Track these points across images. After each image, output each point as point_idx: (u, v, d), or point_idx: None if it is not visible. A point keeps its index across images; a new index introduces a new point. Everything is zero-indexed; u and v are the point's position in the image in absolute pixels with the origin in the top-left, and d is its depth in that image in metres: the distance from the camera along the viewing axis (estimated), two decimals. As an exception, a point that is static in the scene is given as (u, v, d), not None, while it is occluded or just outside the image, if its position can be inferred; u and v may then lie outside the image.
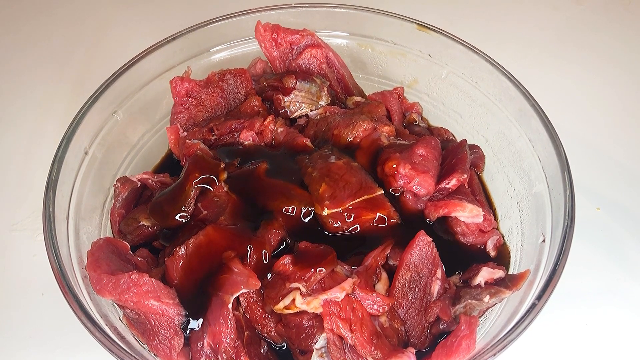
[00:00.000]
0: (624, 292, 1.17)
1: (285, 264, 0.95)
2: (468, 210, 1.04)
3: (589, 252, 1.21)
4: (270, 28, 1.24)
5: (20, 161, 1.40)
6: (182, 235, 1.02)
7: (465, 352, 0.85)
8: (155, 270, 1.00)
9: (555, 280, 0.89)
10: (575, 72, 1.59)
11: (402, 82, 1.34)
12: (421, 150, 1.08)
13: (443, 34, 1.23)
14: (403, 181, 1.06)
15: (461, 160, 1.10)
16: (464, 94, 1.25)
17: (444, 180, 1.08)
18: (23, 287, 1.17)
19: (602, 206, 1.29)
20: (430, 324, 0.97)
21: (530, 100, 1.10)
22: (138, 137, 1.26)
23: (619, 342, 1.11)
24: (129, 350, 0.86)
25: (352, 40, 1.34)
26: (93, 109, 1.12)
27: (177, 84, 1.19)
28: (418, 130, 1.25)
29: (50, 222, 0.96)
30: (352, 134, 1.14)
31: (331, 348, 0.90)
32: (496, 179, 1.20)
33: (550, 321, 1.10)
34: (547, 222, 1.01)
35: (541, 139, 1.07)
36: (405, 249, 0.98)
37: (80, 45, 1.68)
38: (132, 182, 1.12)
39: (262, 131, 1.17)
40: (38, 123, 1.47)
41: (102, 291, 0.90)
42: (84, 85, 1.55)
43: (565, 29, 1.72)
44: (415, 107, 1.30)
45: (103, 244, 0.98)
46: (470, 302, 0.93)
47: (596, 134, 1.44)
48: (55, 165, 1.02)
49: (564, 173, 1.00)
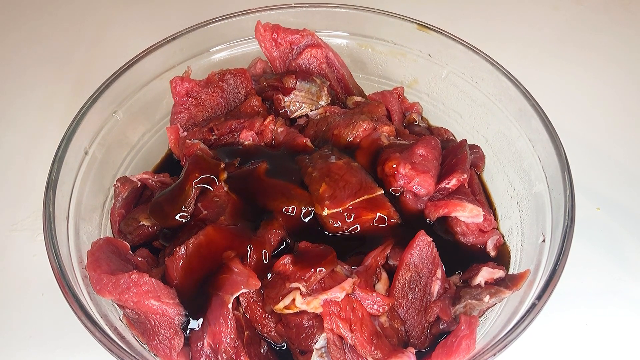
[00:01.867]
0: (624, 292, 1.17)
1: (285, 264, 0.95)
2: (468, 210, 1.04)
3: (589, 252, 1.21)
4: (270, 28, 1.24)
5: (21, 161, 1.40)
6: (182, 235, 1.02)
7: (465, 352, 0.85)
8: (155, 270, 1.00)
9: (555, 280, 0.89)
10: (575, 72, 1.59)
11: (402, 82, 1.34)
12: (421, 150, 1.08)
13: (443, 34, 1.23)
14: (403, 181, 1.06)
15: (461, 160, 1.10)
16: (464, 94, 1.25)
17: (444, 180, 1.08)
18: (23, 287, 1.17)
19: (602, 206, 1.29)
20: (430, 324, 0.97)
21: (530, 100, 1.10)
22: (138, 137, 1.26)
23: (619, 342, 1.11)
24: (129, 350, 0.86)
25: (352, 40, 1.34)
26: (93, 109, 1.12)
27: (177, 84, 1.19)
28: (418, 130, 1.25)
29: (50, 222, 0.96)
30: (352, 134, 1.14)
31: (331, 348, 0.90)
32: (496, 179, 1.20)
33: (550, 321, 1.10)
34: (547, 222, 1.01)
35: (541, 139, 1.07)
36: (405, 249, 0.98)
37: (80, 45, 1.68)
38: (132, 182, 1.12)
39: (262, 131, 1.17)
40: (38, 123, 1.47)
41: (102, 291, 0.90)
42: (84, 85, 1.55)
43: (565, 29, 1.72)
44: (415, 107, 1.30)
45: (103, 244, 0.98)
46: (470, 302, 0.93)
47: (596, 134, 1.44)
48: (55, 165, 1.02)
49: (564, 173, 1.00)
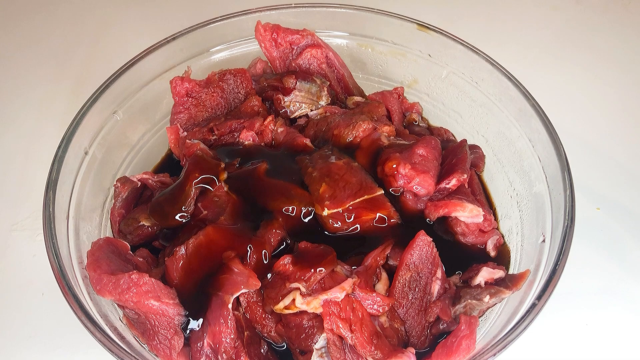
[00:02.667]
0: (624, 292, 1.17)
1: (285, 264, 0.95)
2: (468, 210, 1.04)
3: (589, 252, 1.21)
4: (270, 28, 1.24)
5: (20, 161, 1.40)
6: (182, 235, 1.02)
7: (465, 352, 0.85)
8: (155, 270, 1.00)
9: (555, 280, 0.89)
10: (575, 72, 1.59)
11: (402, 82, 1.34)
12: (421, 150, 1.08)
13: (443, 34, 1.23)
14: (403, 181, 1.06)
15: (461, 160, 1.10)
16: (464, 94, 1.25)
17: (444, 180, 1.08)
18: (23, 287, 1.17)
19: (602, 206, 1.29)
20: (430, 324, 0.97)
21: (530, 100, 1.10)
22: (138, 137, 1.26)
23: (619, 342, 1.11)
24: (129, 350, 0.86)
25: (352, 40, 1.34)
26: (93, 109, 1.12)
27: (177, 84, 1.19)
28: (418, 130, 1.25)
29: (50, 222, 0.96)
30: (352, 134, 1.14)
31: (331, 348, 0.90)
32: (496, 179, 1.20)
33: (550, 321, 1.10)
34: (547, 222, 1.01)
35: (541, 139, 1.07)
36: (405, 249, 0.98)
37: (80, 45, 1.68)
38: (132, 182, 1.12)
39: (262, 131, 1.17)
40: (38, 123, 1.47)
41: (102, 291, 0.90)
42: (84, 85, 1.55)
43: (565, 29, 1.71)
44: (415, 107, 1.30)
45: (103, 244, 0.98)
46: (470, 302, 0.93)
47: (596, 134, 1.44)
48: (55, 165, 1.02)
49: (564, 173, 1.00)
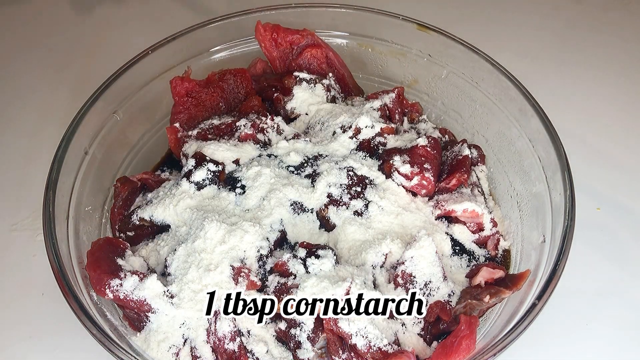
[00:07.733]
0: (624, 292, 1.17)
1: (286, 262, 0.95)
2: (468, 210, 1.04)
3: (589, 252, 1.21)
4: (270, 28, 1.24)
5: (20, 161, 1.39)
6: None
7: (465, 352, 0.85)
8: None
9: (555, 280, 0.89)
10: (575, 72, 1.59)
11: (402, 82, 1.34)
12: (421, 150, 1.08)
13: (443, 34, 1.23)
14: (403, 181, 1.06)
15: (461, 160, 1.10)
16: (464, 94, 1.25)
17: (444, 180, 1.08)
18: (23, 287, 1.17)
19: (602, 206, 1.29)
20: (430, 324, 0.97)
21: (530, 100, 1.10)
22: (138, 137, 1.25)
23: (619, 342, 1.10)
24: (129, 350, 0.86)
25: (352, 40, 1.34)
26: (93, 109, 1.12)
27: (177, 84, 1.19)
28: (418, 130, 1.25)
29: (50, 222, 0.96)
30: (352, 134, 1.14)
31: (331, 348, 0.90)
32: (496, 179, 1.20)
33: (550, 321, 1.09)
34: (547, 222, 1.01)
35: (541, 139, 1.07)
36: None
37: (80, 46, 1.68)
38: (132, 182, 1.12)
39: (262, 131, 1.16)
40: (38, 123, 1.47)
41: (102, 291, 0.90)
42: (84, 85, 1.55)
43: (565, 29, 1.71)
44: (415, 107, 1.29)
45: (103, 244, 0.98)
46: (470, 302, 0.93)
47: (596, 134, 1.43)
48: (55, 165, 1.02)
49: (564, 173, 1.00)
